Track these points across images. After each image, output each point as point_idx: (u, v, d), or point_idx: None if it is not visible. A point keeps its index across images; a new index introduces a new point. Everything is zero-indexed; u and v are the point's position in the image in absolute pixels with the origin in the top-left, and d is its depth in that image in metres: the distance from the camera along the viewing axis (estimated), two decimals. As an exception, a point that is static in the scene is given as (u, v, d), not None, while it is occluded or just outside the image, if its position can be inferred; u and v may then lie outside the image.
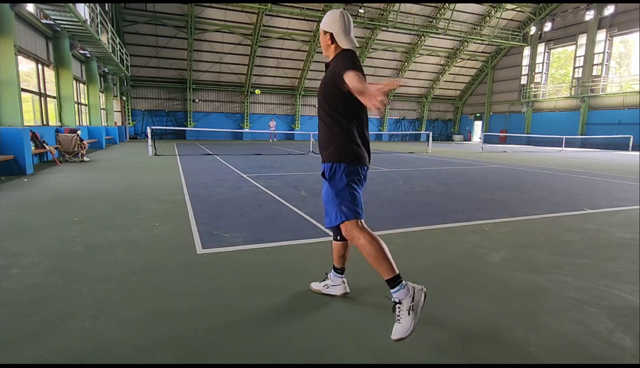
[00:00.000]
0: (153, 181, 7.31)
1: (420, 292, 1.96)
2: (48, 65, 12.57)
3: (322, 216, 4.63)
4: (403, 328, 1.90)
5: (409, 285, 1.97)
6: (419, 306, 1.93)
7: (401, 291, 1.94)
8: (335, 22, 2.16)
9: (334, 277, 2.51)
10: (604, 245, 3.72)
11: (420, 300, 1.94)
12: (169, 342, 1.96)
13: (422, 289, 1.98)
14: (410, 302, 1.92)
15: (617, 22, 25.74)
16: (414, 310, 1.91)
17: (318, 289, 2.55)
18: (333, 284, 2.50)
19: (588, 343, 2.01)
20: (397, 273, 1.98)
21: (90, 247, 3.42)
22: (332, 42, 2.18)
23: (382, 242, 2.05)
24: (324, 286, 2.53)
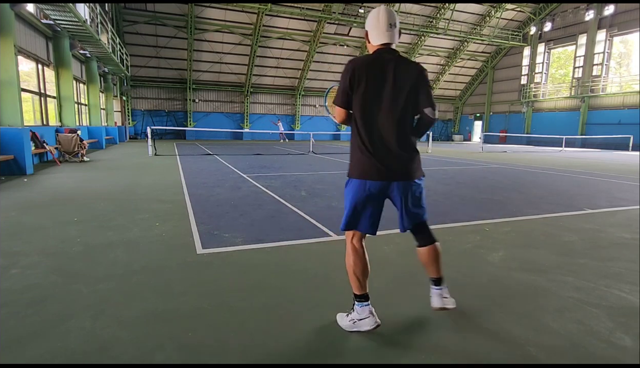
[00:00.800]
0: (153, 181, 7.31)
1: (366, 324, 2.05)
2: (48, 65, 12.56)
3: (322, 216, 4.64)
4: (343, 321, 2.12)
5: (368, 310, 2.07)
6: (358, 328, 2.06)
7: (359, 308, 2.08)
8: (370, 18, 2.02)
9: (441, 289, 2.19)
10: (604, 245, 3.72)
11: (361, 326, 2.06)
12: (169, 342, 1.96)
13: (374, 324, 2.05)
14: (357, 318, 2.08)
15: (617, 22, 25.73)
16: (354, 324, 2.08)
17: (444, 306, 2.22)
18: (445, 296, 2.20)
19: (588, 343, 2.01)
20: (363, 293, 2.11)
21: (90, 247, 3.42)
22: (368, 41, 2.05)
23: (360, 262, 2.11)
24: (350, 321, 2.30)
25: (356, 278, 2.09)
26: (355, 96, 1.96)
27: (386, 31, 1.97)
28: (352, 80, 1.94)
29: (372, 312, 2.07)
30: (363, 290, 2.10)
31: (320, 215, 4.68)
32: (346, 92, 1.97)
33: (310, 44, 28.68)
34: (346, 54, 30.74)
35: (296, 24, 27.35)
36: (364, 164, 2.00)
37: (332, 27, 28.03)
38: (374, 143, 1.98)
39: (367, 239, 3.86)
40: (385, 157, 1.98)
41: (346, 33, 29.05)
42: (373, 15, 2.00)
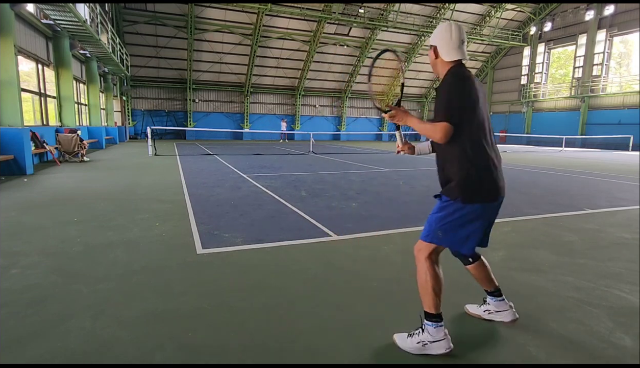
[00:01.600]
0: (153, 181, 7.31)
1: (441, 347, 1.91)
2: (48, 65, 12.56)
3: (322, 216, 4.64)
4: (406, 343, 1.95)
5: (442, 331, 1.93)
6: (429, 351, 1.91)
7: (433, 329, 1.92)
8: (440, 32, 1.96)
9: (495, 302, 2.23)
10: (604, 245, 3.72)
11: (432, 349, 1.91)
12: (169, 342, 1.96)
13: (448, 348, 1.90)
14: (428, 340, 1.91)
15: (617, 22, 25.72)
16: (423, 346, 1.92)
17: (478, 314, 2.29)
18: (497, 310, 2.23)
19: (588, 343, 2.01)
20: (437, 312, 1.94)
21: (90, 247, 3.42)
22: (436, 57, 1.98)
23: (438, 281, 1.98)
24: (485, 311, 2.27)
25: (435, 295, 1.94)
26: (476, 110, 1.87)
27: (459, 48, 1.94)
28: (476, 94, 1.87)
29: (446, 334, 1.93)
30: (439, 309, 1.95)
31: (320, 215, 4.68)
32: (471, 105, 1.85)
33: (310, 44, 28.67)
34: (346, 54, 30.75)
35: (296, 24, 27.34)
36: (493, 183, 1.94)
37: (332, 27, 28.01)
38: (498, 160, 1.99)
39: (367, 239, 3.88)
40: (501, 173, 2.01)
41: (346, 33, 29.04)
42: (445, 30, 1.94)
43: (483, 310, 2.27)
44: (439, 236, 1.95)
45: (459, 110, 1.81)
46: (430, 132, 1.85)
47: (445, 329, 1.94)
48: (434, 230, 1.97)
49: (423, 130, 1.91)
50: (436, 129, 1.81)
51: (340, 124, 34.59)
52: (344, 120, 34.36)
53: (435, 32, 1.99)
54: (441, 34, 1.95)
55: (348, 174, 8.93)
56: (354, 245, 3.61)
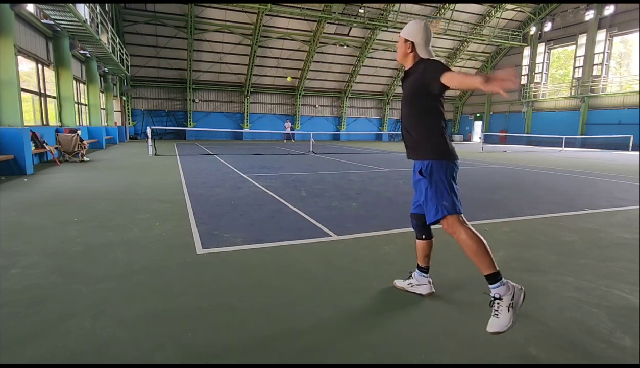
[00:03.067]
0: (153, 181, 7.31)
1: (520, 291, 2.03)
2: (48, 65, 12.56)
3: (322, 216, 4.64)
4: (501, 323, 1.97)
5: (509, 283, 2.03)
6: (518, 305, 2.01)
7: (502, 287, 2.01)
8: (419, 32, 2.26)
9: (419, 276, 2.54)
10: (604, 245, 3.72)
11: (519, 299, 2.01)
12: (169, 342, 1.96)
13: (521, 289, 2.05)
14: (510, 299, 1.99)
15: (617, 22, 25.72)
16: (513, 307, 1.98)
17: (402, 286, 2.60)
18: (418, 283, 2.54)
19: (588, 343, 2.01)
20: (497, 270, 2.04)
21: (90, 247, 3.42)
22: (411, 51, 2.29)
23: (482, 238, 2.11)
24: (408, 284, 2.58)
25: (488, 256, 2.07)
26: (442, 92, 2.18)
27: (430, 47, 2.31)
28: None
29: (509, 282, 2.03)
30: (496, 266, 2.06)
31: (320, 215, 4.69)
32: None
33: (310, 44, 28.67)
34: (346, 54, 30.74)
35: (296, 24, 27.34)
36: (454, 150, 2.26)
37: (332, 27, 28.01)
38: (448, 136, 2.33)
39: (367, 239, 3.88)
40: None
41: (346, 33, 29.04)
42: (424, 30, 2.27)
43: (407, 283, 2.60)
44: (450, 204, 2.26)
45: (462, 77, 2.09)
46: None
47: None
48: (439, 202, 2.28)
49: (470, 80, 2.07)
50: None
51: (340, 124, 34.60)
52: (344, 120, 34.36)
53: (412, 29, 2.27)
54: (420, 34, 2.26)
55: (348, 174, 8.93)
56: (354, 245, 3.61)
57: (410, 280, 2.59)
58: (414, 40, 2.27)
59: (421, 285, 2.53)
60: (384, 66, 32.61)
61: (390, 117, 36.70)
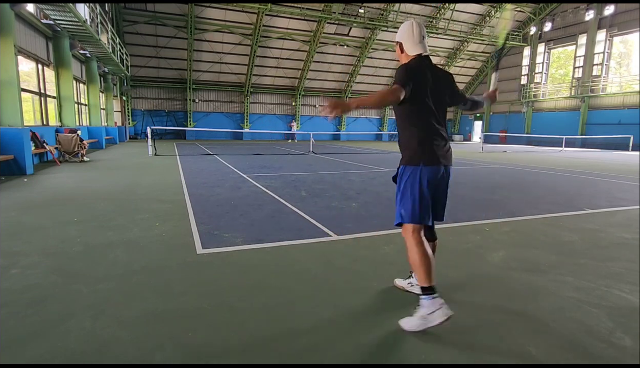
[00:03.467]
0: (153, 181, 7.31)
1: (441, 315, 2.03)
2: (48, 65, 12.56)
3: (322, 216, 4.64)
4: (409, 324, 2.09)
5: (439, 302, 2.07)
6: (431, 322, 2.04)
7: (429, 301, 2.08)
8: (404, 31, 2.25)
9: None
10: (604, 245, 3.72)
11: (435, 319, 2.04)
12: (169, 342, 1.96)
13: (447, 317, 2.03)
14: (427, 313, 2.06)
15: (617, 22, 25.72)
16: (425, 319, 2.05)
17: (402, 286, 2.62)
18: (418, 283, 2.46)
19: (588, 343, 2.01)
20: (431, 285, 2.10)
21: (90, 247, 3.42)
22: (402, 51, 2.28)
23: (428, 255, 2.15)
24: (408, 283, 2.59)
25: (427, 268, 2.10)
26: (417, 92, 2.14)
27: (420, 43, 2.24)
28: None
29: (442, 303, 2.06)
30: (433, 281, 2.11)
31: (320, 215, 4.68)
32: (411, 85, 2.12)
33: (310, 44, 28.67)
34: (346, 54, 30.74)
35: (296, 24, 27.34)
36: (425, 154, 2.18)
37: (332, 27, 28.02)
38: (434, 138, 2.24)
39: (367, 239, 3.88)
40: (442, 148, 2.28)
41: (346, 33, 29.04)
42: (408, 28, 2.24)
43: (407, 283, 2.60)
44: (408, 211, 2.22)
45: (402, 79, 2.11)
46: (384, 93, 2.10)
47: (440, 300, 2.08)
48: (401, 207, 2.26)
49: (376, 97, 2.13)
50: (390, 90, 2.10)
51: (340, 124, 34.60)
52: (344, 120, 34.36)
53: (400, 30, 2.29)
54: (405, 32, 2.25)
55: (348, 174, 8.93)
56: (354, 245, 3.61)
57: (410, 279, 2.59)
58: (401, 40, 2.27)
59: None
60: (384, 66, 32.61)
61: (390, 117, 36.66)
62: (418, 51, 2.22)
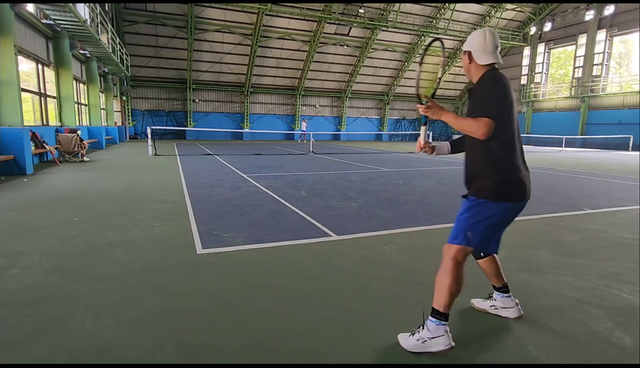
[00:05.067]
0: (153, 181, 7.31)
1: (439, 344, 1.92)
2: (48, 65, 12.56)
3: (321, 216, 4.64)
4: (408, 343, 1.96)
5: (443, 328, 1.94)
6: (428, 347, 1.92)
7: (436, 326, 1.94)
8: (474, 39, 2.02)
9: (502, 299, 2.29)
10: (604, 245, 3.72)
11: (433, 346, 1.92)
12: (169, 342, 1.96)
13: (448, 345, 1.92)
14: (428, 337, 1.93)
15: (617, 22, 25.72)
16: (423, 343, 1.93)
17: (484, 308, 2.35)
18: (504, 306, 2.28)
19: (588, 343, 2.01)
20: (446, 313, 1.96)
21: (90, 247, 3.42)
22: (470, 61, 2.03)
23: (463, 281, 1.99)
24: (490, 306, 2.33)
25: (450, 296, 1.94)
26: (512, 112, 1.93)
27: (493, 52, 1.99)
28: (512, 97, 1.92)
29: (447, 331, 1.94)
30: (448, 310, 1.96)
31: (320, 215, 4.68)
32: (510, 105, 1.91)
33: (310, 44, 28.67)
34: (346, 54, 30.74)
35: (296, 24, 27.33)
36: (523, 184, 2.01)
37: (332, 27, 28.01)
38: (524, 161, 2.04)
39: (367, 239, 3.88)
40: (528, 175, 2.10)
41: (346, 33, 29.03)
42: (480, 36, 2.00)
43: (489, 305, 2.33)
44: (468, 237, 1.97)
45: (500, 109, 1.86)
46: (471, 127, 1.85)
47: (446, 328, 1.94)
48: (463, 230, 1.98)
49: (462, 125, 1.88)
50: (480, 125, 1.82)
51: (340, 124, 34.60)
52: (344, 120, 34.36)
53: (469, 39, 2.05)
54: (476, 40, 2.01)
55: (348, 174, 8.93)
56: (354, 245, 3.61)
57: (492, 301, 2.33)
58: (470, 49, 2.02)
59: (507, 308, 2.27)
60: (384, 66, 32.60)
61: (390, 117, 36.69)
62: (491, 61, 1.98)
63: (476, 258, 2.31)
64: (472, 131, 1.85)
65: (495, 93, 1.89)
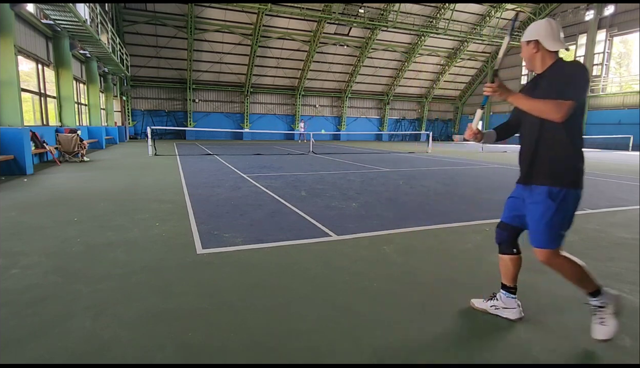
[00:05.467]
0: (153, 181, 7.31)
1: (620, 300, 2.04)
2: (48, 65, 12.56)
3: (322, 216, 4.64)
4: (608, 331, 1.98)
5: (610, 293, 2.04)
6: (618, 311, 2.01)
7: (604, 297, 2.02)
8: (541, 27, 2.01)
9: (506, 298, 2.27)
10: (604, 245, 3.72)
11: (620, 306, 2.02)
12: (169, 342, 1.96)
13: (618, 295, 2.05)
14: (613, 308, 2.00)
15: (617, 22, 25.73)
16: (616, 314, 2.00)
17: (483, 308, 2.33)
18: (505, 306, 2.26)
19: (588, 343, 2.01)
20: (598, 287, 2.04)
21: (90, 247, 3.42)
22: (537, 50, 2.02)
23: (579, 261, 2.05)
24: (491, 306, 2.31)
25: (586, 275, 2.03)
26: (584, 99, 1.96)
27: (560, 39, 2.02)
28: None
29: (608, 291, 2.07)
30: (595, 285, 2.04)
31: (320, 215, 4.68)
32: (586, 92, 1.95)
33: (310, 44, 28.68)
34: (346, 54, 30.75)
35: (296, 24, 27.34)
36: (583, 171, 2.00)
37: (332, 27, 28.02)
38: None
39: (367, 239, 3.87)
40: None
41: (346, 33, 29.04)
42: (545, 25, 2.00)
43: (490, 305, 2.32)
44: (562, 235, 2.00)
45: (580, 94, 1.87)
46: (549, 108, 1.84)
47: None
48: (556, 232, 1.98)
49: (538, 106, 1.88)
50: (561, 107, 1.82)
51: (340, 124, 34.60)
52: (344, 120, 34.37)
53: (533, 29, 2.04)
54: (543, 28, 2.00)
55: (348, 174, 8.93)
56: (354, 245, 3.61)
57: (493, 301, 2.31)
58: (537, 38, 2.00)
59: (509, 309, 2.25)
60: (384, 66, 32.61)
61: (390, 117, 36.69)
62: (560, 47, 1.99)
63: (505, 253, 2.26)
64: (549, 111, 1.85)
65: (579, 77, 1.89)
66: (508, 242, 2.24)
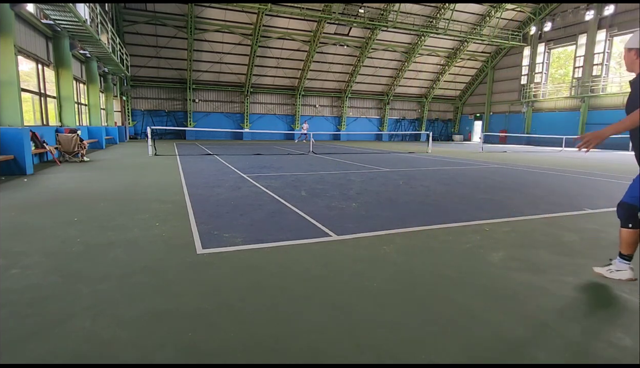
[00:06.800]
0: (153, 181, 7.31)
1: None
2: (48, 65, 12.56)
3: (322, 216, 4.64)
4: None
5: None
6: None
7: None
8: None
9: (620, 263, 2.69)
10: (604, 245, 3.72)
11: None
12: (169, 342, 1.96)
13: None
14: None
15: (617, 22, 25.73)
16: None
17: (601, 273, 2.78)
18: (618, 269, 2.69)
19: (588, 343, 2.01)
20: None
21: (90, 247, 3.42)
22: (637, 58, 2.49)
23: None
24: (607, 270, 2.75)
25: None
26: None
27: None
28: None
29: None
30: None
31: (320, 215, 4.68)
32: None
33: (310, 44, 28.68)
34: (346, 54, 30.75)
35: (296, 24, 27.35)
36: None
37: (332, 27, 28.02)
38: None
39: (367, 239, 3.88)
40: None
41: (346, 33, 29.05)
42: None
43: (606, 270, 2.77)
44: None
45: None
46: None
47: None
48: None
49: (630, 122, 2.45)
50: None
51: (340, 124, 34.61)
52: (344, 120, 34.37)
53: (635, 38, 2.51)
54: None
55: (348, 174, 8.93)
56: (354, 245, 3.61)
57: (610, 266, 2.74)
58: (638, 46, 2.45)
59: (620, 271, 2.67)
60: (384, 66, 32.61)
61: (390, 117, 36.69)
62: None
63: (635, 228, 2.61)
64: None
65: None
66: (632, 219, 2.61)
